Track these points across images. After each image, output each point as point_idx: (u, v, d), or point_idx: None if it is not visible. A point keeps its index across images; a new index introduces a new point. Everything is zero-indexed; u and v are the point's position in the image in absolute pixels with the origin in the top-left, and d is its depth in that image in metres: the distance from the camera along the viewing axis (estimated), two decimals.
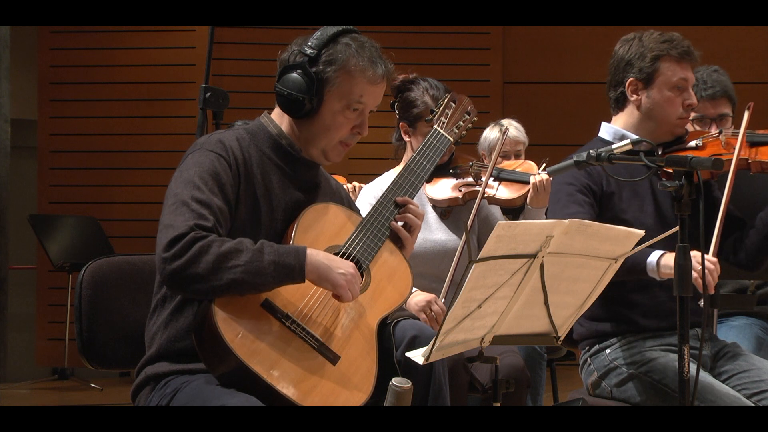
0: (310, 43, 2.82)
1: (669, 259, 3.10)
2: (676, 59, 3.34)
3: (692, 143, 3.38)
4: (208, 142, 2.78)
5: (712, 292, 3.04)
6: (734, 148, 3.29)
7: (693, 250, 2.74)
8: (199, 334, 2.63)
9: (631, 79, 3.37)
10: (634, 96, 3.38)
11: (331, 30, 2.83)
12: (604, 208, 3.30)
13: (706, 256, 3.03)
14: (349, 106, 2.82)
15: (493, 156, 4.02)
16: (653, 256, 3.13)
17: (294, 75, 2.80)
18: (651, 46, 3.35)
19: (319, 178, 2.94)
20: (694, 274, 2.88)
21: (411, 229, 2.92)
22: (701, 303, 3.00)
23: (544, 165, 4.05)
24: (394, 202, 2.90)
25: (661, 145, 3.38)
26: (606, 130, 3.46)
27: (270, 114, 2.91)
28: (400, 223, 2.92)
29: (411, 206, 2.92)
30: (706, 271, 2.99)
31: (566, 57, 8.70)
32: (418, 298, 3.70)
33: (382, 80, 2.86)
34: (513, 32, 8.66)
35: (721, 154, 3.31)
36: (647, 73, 3.34)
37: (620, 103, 3.43)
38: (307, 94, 2.79)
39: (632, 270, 3.09)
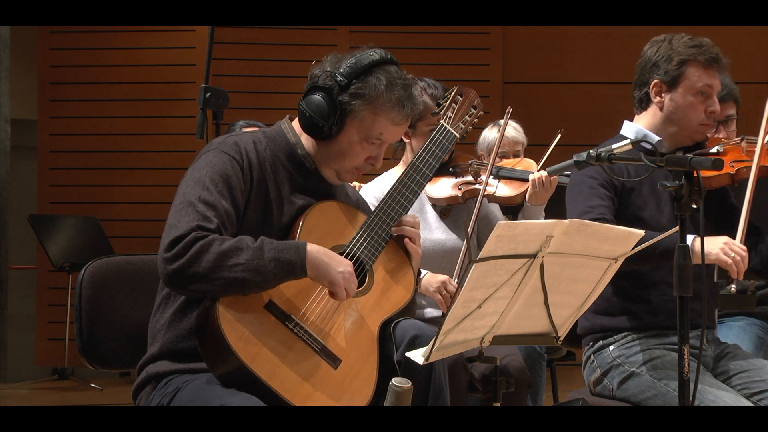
0: (342, 70, 2.79)
1: (705, 244, 3.11)
2: (703, 65, 3.33)
3: (713, 149, 3.37)
4: (224, 144, 2.78)
5: (742, 278, 3.08)
6: (754, 156, 3.28)
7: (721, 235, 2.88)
8: (201, 334, 2.63)
9: (655, 81, 3.37)
10: (658, 98, 3.37)
11: (367, 59, 2.80)
12: (623, 203, 3.30)
13: (736, 242, 3.11)
14: (368, 140, 2.82)
15: (493, 152, 4.01)
16: (687, 240, 3.14)
17: (319, 98, 2.78)
18: (679, 50, 3.34)
19: (331, 188, 2.92)
20: (728, 260, 3.04)
21: (412, 240, 2.89)
22: (723, 290, 3.07)
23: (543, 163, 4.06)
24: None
25: (680, 149, 3.37)
26: (628, 129, 3.45)
27: (292, 121, 2.91)
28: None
29: (405, 218, 2.89)
30: (738, 257, 3.06)
31: (566, 57, 8.69)
32: (431, 278, 3.69)
33: (406, 121, 2.86)
34: (513, 32, 8.64)
35: (741, 161, 3.32)
36: (672, 76, 3.34)
37: (644, 104, 3.42)
38: (327, 121, 2.78)
39: (665, 254, 3.06)
